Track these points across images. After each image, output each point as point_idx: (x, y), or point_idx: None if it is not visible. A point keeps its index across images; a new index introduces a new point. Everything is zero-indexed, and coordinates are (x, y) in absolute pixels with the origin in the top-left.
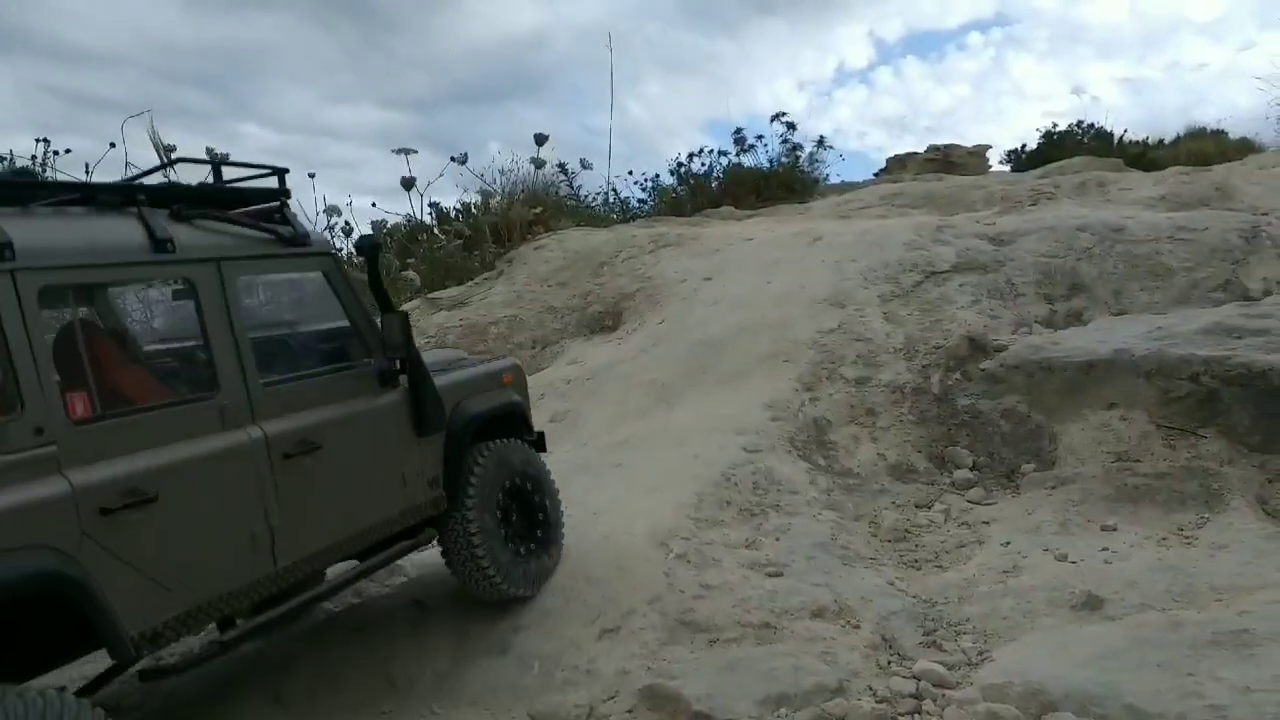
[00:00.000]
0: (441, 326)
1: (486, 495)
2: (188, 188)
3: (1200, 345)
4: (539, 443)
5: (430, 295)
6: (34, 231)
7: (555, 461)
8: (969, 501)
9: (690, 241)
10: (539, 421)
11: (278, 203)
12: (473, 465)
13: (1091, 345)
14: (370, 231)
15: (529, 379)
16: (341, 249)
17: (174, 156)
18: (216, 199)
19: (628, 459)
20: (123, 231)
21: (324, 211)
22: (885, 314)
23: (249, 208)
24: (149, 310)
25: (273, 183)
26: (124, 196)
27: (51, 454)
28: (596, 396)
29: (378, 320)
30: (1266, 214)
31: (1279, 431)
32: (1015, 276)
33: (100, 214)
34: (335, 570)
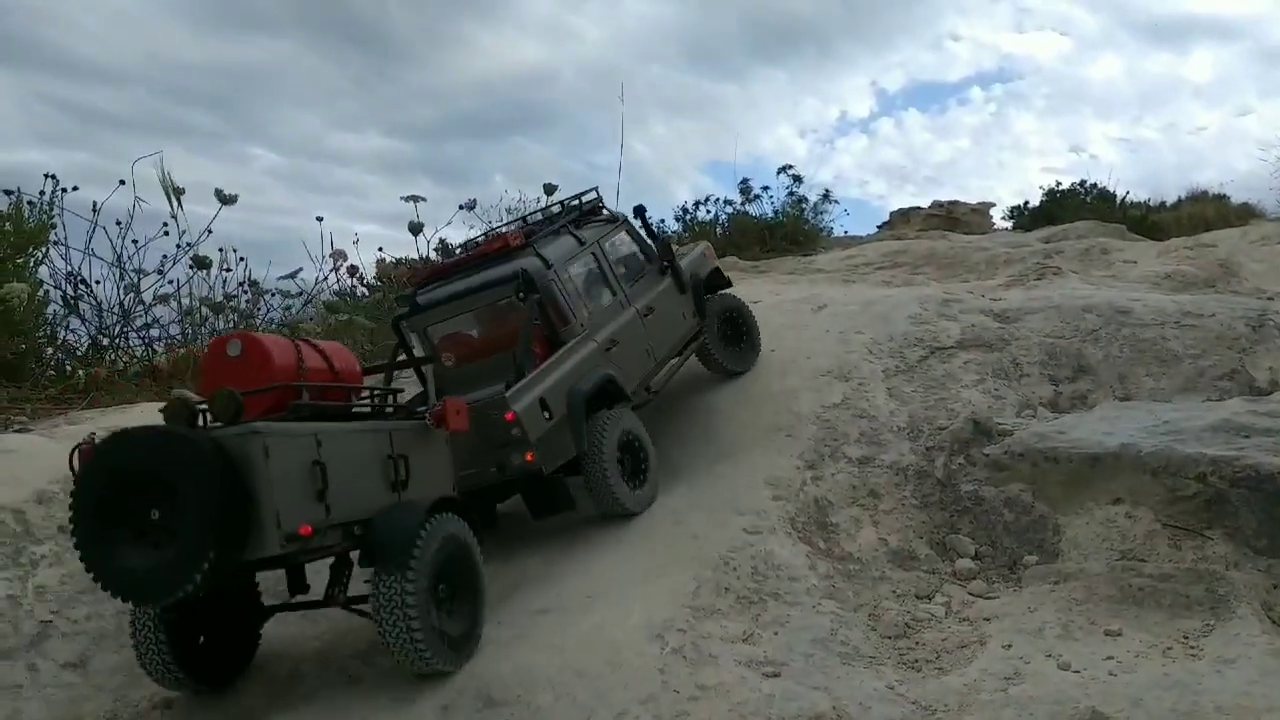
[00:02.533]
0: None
1: (714, 320)
2: (570, 210)
3: (1208, 443)
4: (727, 285)
5: None
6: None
7: (551, 536)
8: (970, 594)
9: None
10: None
11: (599, 203)
12: (707, 306)
13: (1098, 437)
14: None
15: None
16: (350, 286)
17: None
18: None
19: (626, 536)
20: (570, 241)
21: (330, 255)
22: (889, 389)
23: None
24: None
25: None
26: (563, 224)
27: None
28: None
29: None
30: (1272, 298)
31: None
32: (1020, 356)
33: (558, 234)
34: None
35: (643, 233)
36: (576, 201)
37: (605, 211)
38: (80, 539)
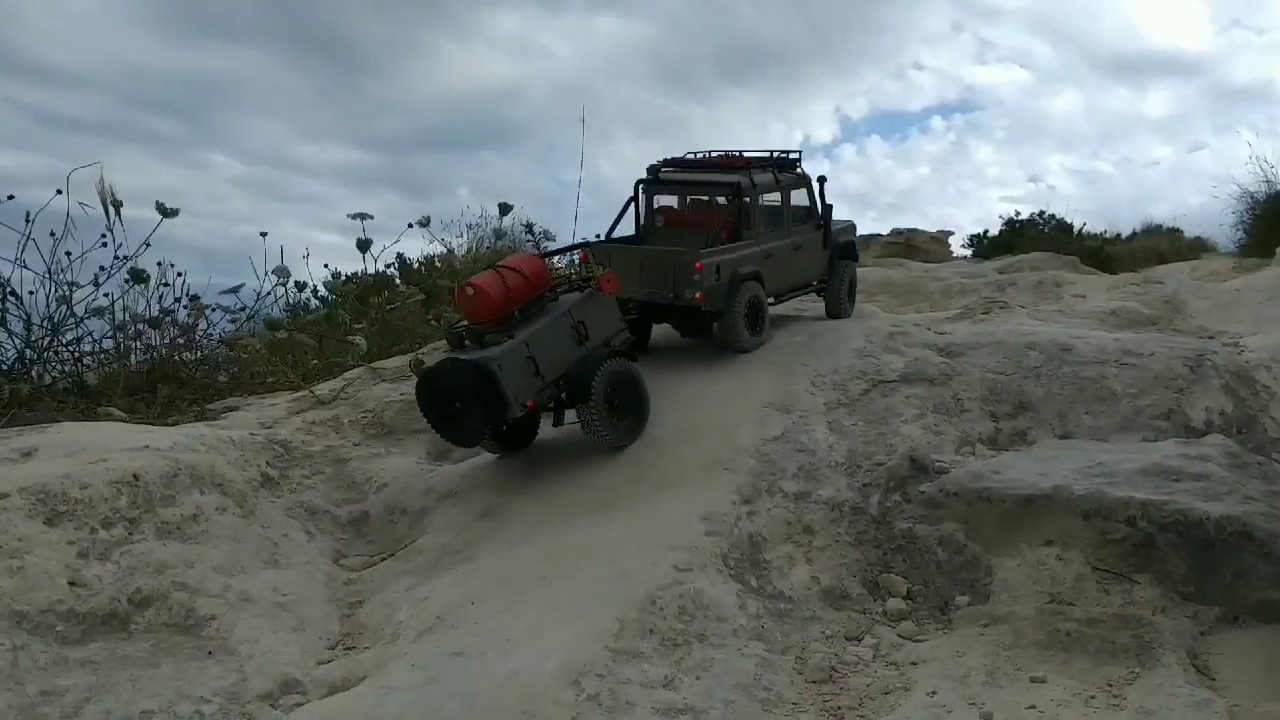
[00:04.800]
0: (381, 401)
1: (841, 276)
2: (777, 158)
3: (1139, 487)
4: (855, 258)
5: (374, 365)
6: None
7: (476, 573)
8: (900, 636)
9: None
10: (469, 516)
11: (775, 164)
12: (838, 260)
13: (1032, 478)
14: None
15: (466, 461)
16: (302, 300)
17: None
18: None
19: (553, 572)
20: (770, 178)
21: (273, 272)
22: (830, 423)
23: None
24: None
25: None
26: (771, 165)
27: (755, 241)
28: (531, 492)
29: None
30: (1213, 337)
31: (1212, 582)
32: (962, 392)
33: (765, 170)
34: None
35: (818, 195)
36: (784, 154)
37: (800, 170)
38: (426, 417)
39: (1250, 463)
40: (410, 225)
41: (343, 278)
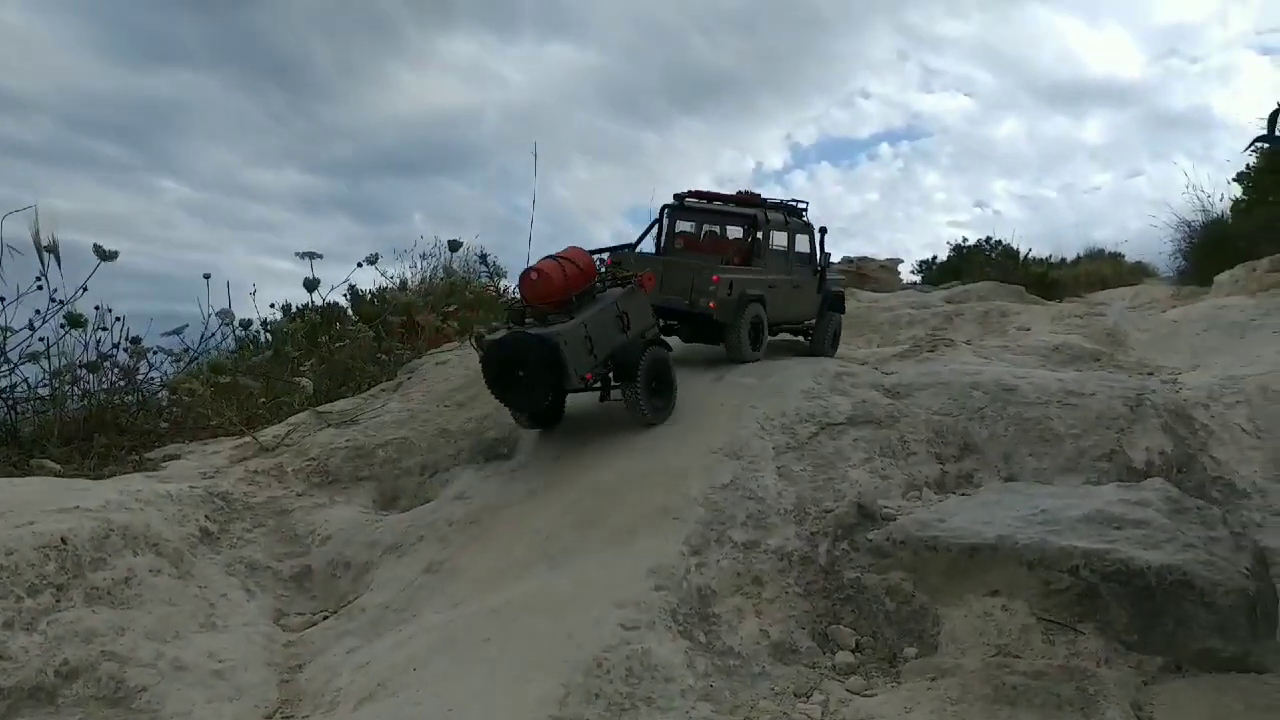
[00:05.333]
0: (325, 448)
1: (827, 324)
2: (787, 205)
3: (1082, 535)
4: (842, 310)
5: (320, 409)
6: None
7: (419, 634)
8: (848, 691)
9: None
10: (413, 572)
11: (785, 210)
12: (827, 309)
13: (977, 527)
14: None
15: (412, 511)
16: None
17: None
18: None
19: (498, 633)
20: (780, 219)
21: (216, 314)
22: (779, 468)
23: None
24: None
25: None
26: (783, 209)
27: (761, 271)
28: (478, 544)
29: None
30: (1152, 373)
31: (1154, 630)
32: (909, 434)
33: (777, 212)
34: None
35: (818, 244)
36: (795, 203)
37: (805, 219)
38: (490, 386)
39: (1189, 508)
40: (359, 265)
41: (293, 310)
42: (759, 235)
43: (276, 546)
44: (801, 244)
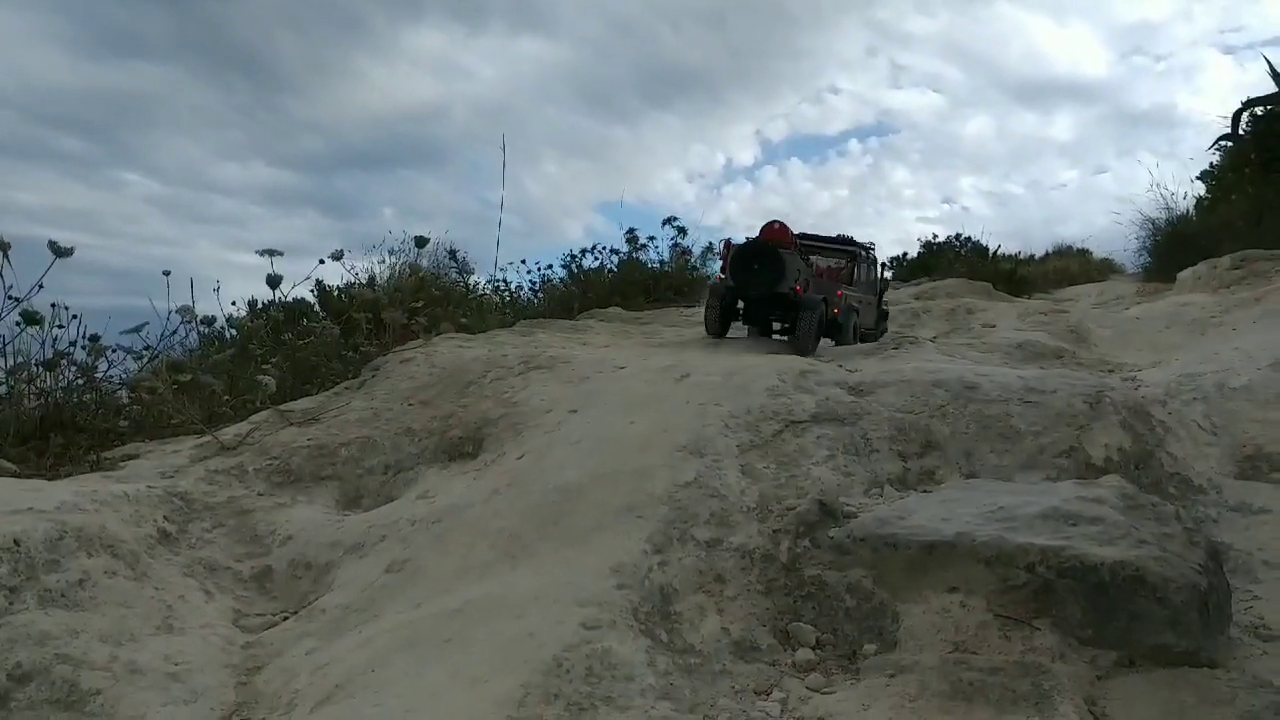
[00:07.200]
0: (287, 447)
1: (880, 327)
2: (865, 245)
3: (1039, 531)
4: (887, 315)
5: (282, 407)
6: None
7: (380, 635)
8: (808, 689)
9: (561, 365)
10: (374, 572)
11: (863, 248)
12: (884, 319)
13: (936, 524)
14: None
15: (374, 511)
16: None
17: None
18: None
19: (459, 633)
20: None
21: (177, 311)
22: (742, 466)
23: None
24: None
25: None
26: (865, 248)
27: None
28: (440, 544)
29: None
30: (1113, 370)
31: (1109, 626)
32: (871, 431)
33: (865, 250)
34: None
35: (879, 272)
36: (869, 245)
37: (873, 254)
38: (732, 274)
39: (1145, 504)
40: (321, 261)
41: (258, 305)
42: (856, 267)
43: (236, 547)
44: (872, 270)
